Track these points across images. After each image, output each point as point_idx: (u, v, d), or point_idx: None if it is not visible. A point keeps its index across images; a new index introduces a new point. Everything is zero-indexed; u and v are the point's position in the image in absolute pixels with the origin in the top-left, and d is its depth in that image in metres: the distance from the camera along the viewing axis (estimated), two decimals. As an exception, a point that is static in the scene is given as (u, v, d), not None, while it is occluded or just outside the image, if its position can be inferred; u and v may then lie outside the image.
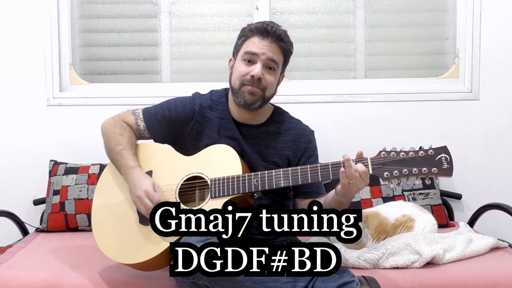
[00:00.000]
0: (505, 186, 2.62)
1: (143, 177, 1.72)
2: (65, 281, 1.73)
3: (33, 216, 2.58)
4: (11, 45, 2.65)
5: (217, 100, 1.89)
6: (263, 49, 1.75)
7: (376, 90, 2.67)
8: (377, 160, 1.57)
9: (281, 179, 1.65)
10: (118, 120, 1.87)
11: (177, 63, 2.78)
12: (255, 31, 1.77)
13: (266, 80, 1.76)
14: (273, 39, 1.76)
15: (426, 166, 1.53)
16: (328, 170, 1.61)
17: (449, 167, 1.53)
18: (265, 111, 1.89)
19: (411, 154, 1.55)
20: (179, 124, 1.86)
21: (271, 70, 1.78)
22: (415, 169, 1.53)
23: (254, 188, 1.66)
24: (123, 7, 2.76)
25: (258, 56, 1.75)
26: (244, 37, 1.80)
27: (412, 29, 2.74)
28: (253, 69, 1.75)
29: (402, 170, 1.54)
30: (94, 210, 1.82)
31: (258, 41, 1.76)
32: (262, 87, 1.76)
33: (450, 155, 1.54)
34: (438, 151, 1.55)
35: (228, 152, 1.74)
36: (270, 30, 1.76)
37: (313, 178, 1.62)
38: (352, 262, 1.82)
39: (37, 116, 2.66)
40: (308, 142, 1.89)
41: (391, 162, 1.56)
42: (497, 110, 2.63)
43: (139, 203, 1.68)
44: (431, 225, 2.06)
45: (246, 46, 1.78)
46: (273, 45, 1.76)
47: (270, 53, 1.75)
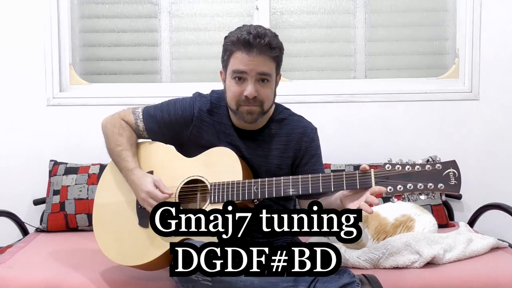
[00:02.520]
0: (505, 186, 2.62)
1: (142, 178, 1.71)
2: (65, 281, 1.73)
3: (33, 216, 2.58)
4: (11, 45, 2.65)
5: (216, 103, 1.83)
6: (250, 65, 1.63)
7: (376, 90, 2.67)
8: (381, 173, 1.51)
9: (281, 188, 1.61)
10: (117, 119, 1.84)
11: (177, 63, 2.78)
12: (237, 45, 1.64)
13: (261, 95, 1.68)
14: (259, 51, 1.63)
15: (432, 181, 1.45)
16: (329, 180, 1.56)
17: (457, 184, 1.45)
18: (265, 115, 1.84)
19: (417, 168, 1.47)
20: (178, 127, 1.83)
21: (264, 82, 1.68)
22: (420, 185, 1.46)
23: (253, 195, 1.63)
24: (123, 7, 2.76)
25: (247, 73, 1.64)
26: (228, 52, 1.69)
27: (412, 29, 2.74)
28: (245, 88, 1.66)
29: (407, 184, 1.47)
30: (95, 210, 1.82)
31: (243, 56, 1.63)
32: (259, 103, 1.69)
33: (459, 170, 1.46)
34: (446, 166, 1.46)
35: (229, 156, 1.71)
36: (253, 42, 1.62)
37: (314, 188, 1.57)
38: (352, 262, 1.82)
39: (37, 116, 2.66)
40: (310, 141, 1.82)
41: (395, 176, 1.48)
42: (497, 110, 2.63)
43: (146, 204, 1.68)
44: (431, 225, 2.06)
45: (232, 63, 1.67)
46: (260, 57, 1.63)
47: (259, 68, 1.64)
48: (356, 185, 1.52)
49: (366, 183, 1.51)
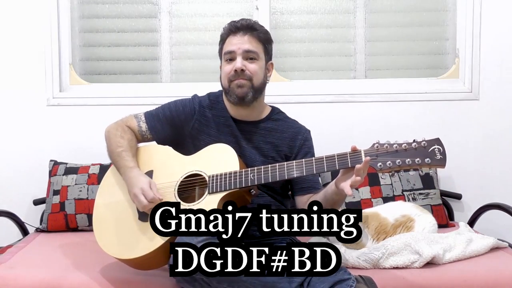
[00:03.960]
0: (505, 186, 2.62)
1: (139, 176, 1.76)
2: (65, 281, 1.73)
3: (33, 216, 2.58)
4: (11, 45, 2.65)
5: (214, 100, 1.95)
6: (237, 44, 1.84)
7: (376, 90, 2.67)
8: (370, 152, 1.58)
9: (277, 173, 1.67)
10: (120, 124, 1.92)
11: (177, 63, 2.78)
12: (227, 32, 1.88)
13: (249, 69, 1.83)
14: (244, 32, 1.85)
15: (419, 157, 1.53)
16: (322, 163, 1.62)
17: (442, 158, 1.52)
18: (262, 108, 1.94)
19: (405, 146, 1.55)
20: (180, 123, 1.91)
21: (252, 60, 1.85)
22: (408, 160, 1.53)
23: (250, 182, 1.68)
24: (123, 7, 2.76)
25: (235, 52, 1.83)
26: (222, 41, 1.90)
27: (412, 29, 2.74)
28: (234, 64, 1.83)
29: (396, 160, 1.54)
30: (96, 209, 1.85)
31: (232, 39, 1.86)
32: (248, 77, 1.83)
33: (443, 146, 1.54)
34: (431, 143, 1.54)
35: (226, 151, 1.78)
36: (239, 25, 1.85)
37: (307, 171, 1.64)
38: (352, 262, 1.82)
39: (37, 116, 2.66)
40: (305, 140, 1.93)
41: (384, 154, 1.56)
42: (497, 110, 2.63)
43: (135, 200, 1.72)
44: (431, 225, 2.06)
45: (224, 48, 1.88)
46: (245, 37, 1.84)
47: (245, 45, 1.83)
48: (348, 163, 1.59)
49: (357, 162, 1.58)
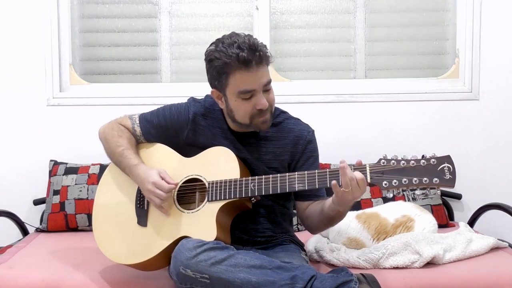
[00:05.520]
0: (505, 186, 2.62)
1: (147, 170, 1.71)
2: (65, 281, 1.73)
3: (33, 216, 2.58)
4: (11, 45, 2.64)
5: (210, 108, 1.83)
6: (255, 81, 1.64)
7: (376, 90, 2.67)
8: (376, 168, 1.52)
9: (278, 185, 1.62)
10: (115, 124, 1.87)
11: (177, 63, 2.78)
12: (235, 66, 1.61)
13: (270, 102, 1.70)
14: (257, 63, 1.62)
15: (427, 176, 1.46)
16: (325, 176, 1.58)
17: (451, 178, 1.46)
18: None
19: (412, 163, 1.48)
20: (174, 132, 1.83)
21: (268, 87, 1.69)
22: (415, 179, 1.47)
23: (250, 193, 1.64)
24: (123, 7, 2.76)
25: (256, 90, 1.65)
26: (224, 74, 1.65)
27: (412, 29, 2.74)
28: (256, 102, 1.66)
29: (402, 179, 1.48)
30: (95, 211, 1.83)
31: (247, 75, 1.62)
32: (270, 109, 1.71)
33: (453, 165, 1.47)
34: (441, 161, 1.47)
35: (227, 155, 1.72)
36: (251, 58, 1.60)
37: (310, 184, 1.59)
38: (352, 262, 1.82)
39: (37, 116, 2.66)
40: (307, 143, 1.82)
41: (390, 171, 1.49)
42: (497, 110, 2.63)
43: (152, 196, 1.67)
44: (431, 225, 2.06)
45: (235, 84, 1.64)
46: (260, 69, 1.63)
47: (263, 79, 1.65)
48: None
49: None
